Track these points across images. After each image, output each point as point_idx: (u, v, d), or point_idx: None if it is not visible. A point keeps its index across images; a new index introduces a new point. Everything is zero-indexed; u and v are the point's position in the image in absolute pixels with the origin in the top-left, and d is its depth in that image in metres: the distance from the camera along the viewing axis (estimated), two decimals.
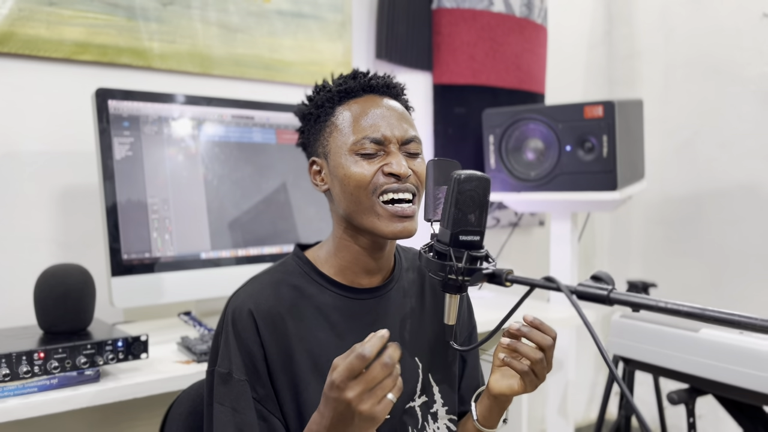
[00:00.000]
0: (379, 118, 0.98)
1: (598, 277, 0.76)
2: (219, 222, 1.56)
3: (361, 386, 0.78)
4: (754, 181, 2.41)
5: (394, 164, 0.96)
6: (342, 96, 1.01)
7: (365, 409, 0.78)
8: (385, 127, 0.98)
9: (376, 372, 0.78)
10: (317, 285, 1.01)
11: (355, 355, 0.79)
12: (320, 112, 1.02)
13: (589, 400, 2.96)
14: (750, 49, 2.40)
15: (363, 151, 0.96)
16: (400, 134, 0.98)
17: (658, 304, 0.67)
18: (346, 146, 0.97)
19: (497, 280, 0.86)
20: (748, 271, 2.44)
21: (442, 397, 1.08)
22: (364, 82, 1.01)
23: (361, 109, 0.99)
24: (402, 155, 0.98)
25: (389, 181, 0.96)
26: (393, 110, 1.00)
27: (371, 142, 0.96)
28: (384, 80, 1.03)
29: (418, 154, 1.01)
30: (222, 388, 0.95)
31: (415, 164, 1.00)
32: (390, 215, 0.96)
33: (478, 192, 0.87)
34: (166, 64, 1.74)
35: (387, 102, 1.01)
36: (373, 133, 0.97)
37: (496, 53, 2.32)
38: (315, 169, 1.03)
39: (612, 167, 1.89)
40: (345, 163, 0.97)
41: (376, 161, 0.97)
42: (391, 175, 0.96)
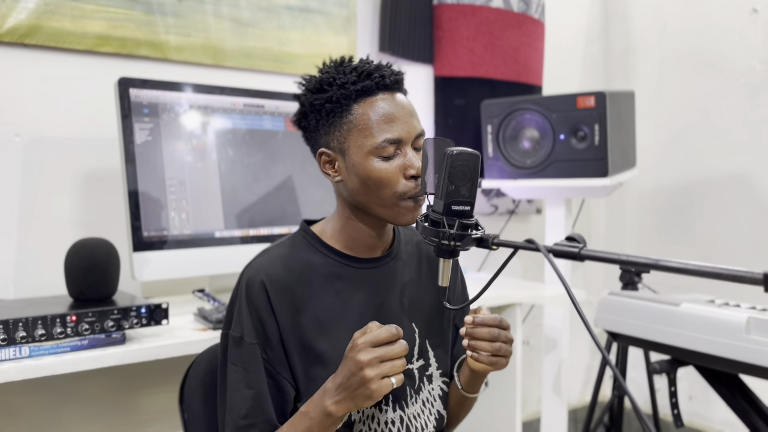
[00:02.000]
0: (396, 120, 1.05)
1: (571, 238, 0.86)
2: (231, 203, 1.67)
3: (377, 354, 0.92)
4: (743, 172, 2.51)
5: (414, 164, 1.04)
6: (358, 94, 1.05)
7: (370, 376, 0.91)
8: (402, 127, 1.05)
9: (395, 347, 0.94)
10: (324, 256, 1.11)
11: (386, 328, 0.94)
12: (335, 107, 1.06)
13: (585, 383, 3.06)
14: (740, 43, 2.50)
15: (385, 154, 1.04)
16: (413, 131, 1.07)
17: (620, 257, 0.77)
18: (366, 147, 1.04)
19: (485, 244, 0.96)
20: (737, 260, 2.54)
21: (437, 360, 1.18)
22: (379, 81, 1.06)
23: (379, 109, 1.05)
24: (413, 151, 1.07)
25: (414, 186, 1.05)
26: (406, 108, 1.07)
27: (391, 144, 1.04)
28: (394, 76, 1.08)
29: None
30: (235, 350, 1.06)
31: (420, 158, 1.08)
32: (409, 210, 1.06)
33: (468, 166, 0.97)
34: (182, 56, 1.85)
35: (399, 100, 1.07)
36: (393, 134, 1.04)
37: (494, 47, 2.42)
38: (326, 160, 1.10)
39: (603, 155, 1.99)
40: (367, 164, 1.04)
41: (395, 161, 1.05)
42: (412, 177, 1.05)
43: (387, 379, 0.92)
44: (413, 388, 1.15)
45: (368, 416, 1.09)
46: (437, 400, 1.17)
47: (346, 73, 1.07)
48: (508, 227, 2.63)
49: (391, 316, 1.12)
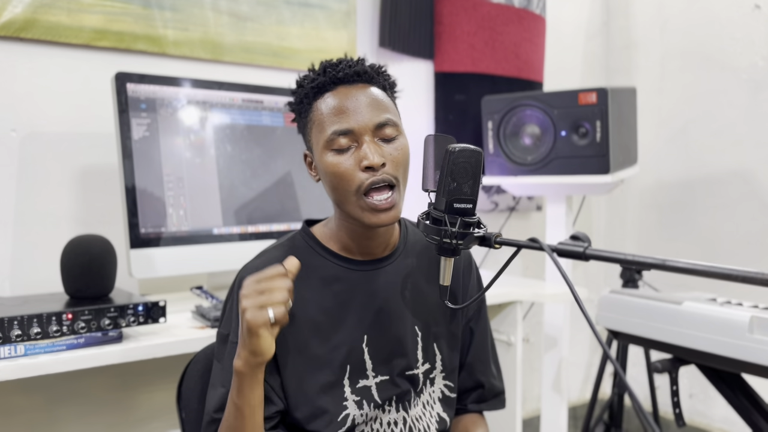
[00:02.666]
0: (346, 111, 1.00)
1: (576, 237, 0.84)
2: (230, 200, 1.65)
3: (254, 287, 0.90)
4: (744, 168, 2.50)
5: (368, 155, 0.98)
6: (315, 92, 1.03)
7: (244, 307, 0.89)
8: (352, 117, 1.00)
9: (274, 282, 0.90)
10: (322, 258, 1.10)
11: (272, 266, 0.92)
12: (301, 108, 1.07)
13: (585, 381, 3.05)
14: (742, 39, 2.48)
15: (336, 146, 1.00)
16: (369, 122, 1.00)
17: (627, 257, 0.76)
18: (321, 143, 1.02)
19: (487, 243, 0.95)
20: (738, 256, 2.52)
21: (443, 363, 1.16)
22: (333, 75, 1.02)
23: (330, 103, 1.01)
24: (376, 143, 1.00)
25: (368, 176, 0.99)
26: (362, 98, 1.01)
27: (340, 135, 0.99)
28: (353, 69, 1.03)
29: (395, 138, 1.03)
30: (221, 347, 1.05)
31: (391, 149, 1.02)
32: (371, 209, 1.00)
33: (470, 163, 0.96)
34: (180, 50, 1.83)
35: (357, 91, 1.02)
36: (342, 125, 0.99)
37: (495, 42, 2.40)
38: (308, 161, 1.09)
39: (605, 151, 1.97)
40: (324, 159, 1.01)
41: (351, 154, 1.00)
42: (368, 168, 0.99)
43: (264, 309, 0.88)
44: (416, 390, 1.13)
45: (371, 418, 1.08)
46: (437, 402, 1.16)
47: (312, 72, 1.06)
48: (508, 224, 2.62)
49: (392, 318, 1.10)
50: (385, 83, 1.08)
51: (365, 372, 1.08)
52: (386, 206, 1.01)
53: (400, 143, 1.04)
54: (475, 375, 1.23)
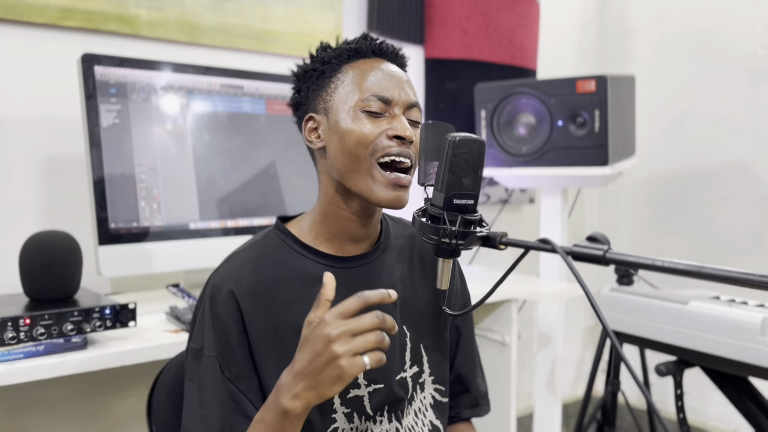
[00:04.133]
0: (387, 79, 0.96)
1: (593, 238, 0.75)
2: (208, 192, 1.54)
3: (346, 327, 0.78)
4: (743, 160, 2.42)
5: (398, 127, 0.94)
6: (351, 54, 0.99)
7: (340, 353, 0.77)
8: (393, 88, 0.96)
9: (366, 319, 0.79)
10: (301, 257, 0.99)
11: (354, 296, 0.80)
12: (325, 68, 1.00)
13: (576, 377, 2.98)
14: (741, 27, 2.40)
15: (368, 109, 0.94)
16: (406, 98, 0.97)
17: (655, 262, 0.67)
18: (352, 102, 0.95)
19: (491, 243, 0.85)
20: (734, 251, 2.46)
21: (431, 366, 1.07)
22: (375, 45, 1.00)
23: (370, 68, 0.97)
24: (404, 118, 0.97)
25: (391, 144, 0.94)
26: (400, 75, 0.99)
27: (378, 100, 0.95)
28: (394, 48, 1.03)
29: (419, 124, 0.99)
30: (193, 365, 0.93)
31: (416, 132, 0.98)
32: (386, 182, 0.93)
33: (472, 155, 0.86)
34: (154, 32, 1.70)
35: (394, 67, 1.00)
36: (382, 91, 0.95)
37: (488, 28, 2.30)
38: (311, 126, 1.00)
39: (603, 142, 1.89)
40: (348, 119, 0.95)
41: (381, 122, 0.95)
42: (396, 137, 0.94)
43: (359, 357, 0.77)
44: (406, 398, 1.04)
45: (362, 431, 0.98)
46: (429, 409, 1.07)
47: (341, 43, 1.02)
48: (500, 217, 2.53)
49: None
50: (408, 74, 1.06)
51: (356, 380, 0.99)
52: (405, 183, 0.94)
53: None
54: (463, 376, 1.15)
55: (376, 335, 0.79)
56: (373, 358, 0.78)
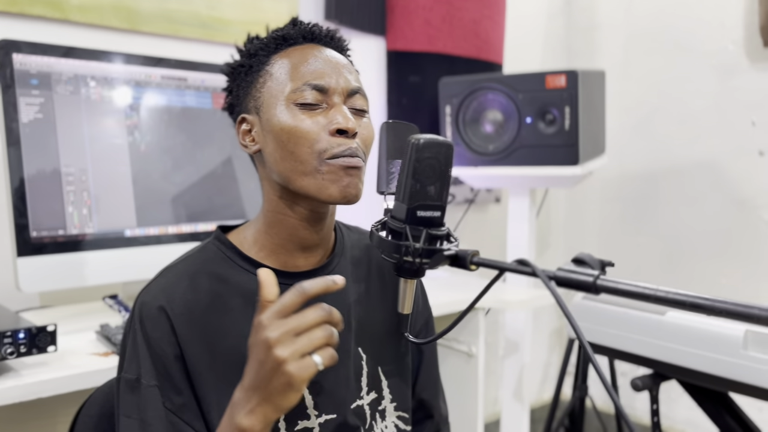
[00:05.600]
0: (322, 65, 0.85)
1: (581, 260, 0.64)
2: (146, 195, 1.39)
3: (287, 327, 0.68)
4: (711, 159, 2.37)
5: (339, 119, 0.82)
6: (279, 43, 0.87)
7: (284, 357, 0.66)
8: (330, 74, 0.85)
9: (309, 315, 0.68)
10: (243, 271, 0.87)
11: (292, 290, 0.69)
12: (253, 62, 0.88)
13: (543, 380, 2.91)
14: (711, 22, 2.34)
15: (303, 101, 0.83)
16: (346, 84, 0.86)
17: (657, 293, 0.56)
18: (283, 95, 0.83)
19: (461, 263, 0.74)
20: (702, 250, 2.41)
21: (391, 392, 0.96)
22: (305, 30, 0.89)
23: (301, 56, 0.86)
24: (344, 107, 0.85)
25: (336, 143, 0.82)
26: (336, 60, 0.88)
27: (313, 89, 0.83)
28: (327, 31, 0.91)
29: (365, 112, 0.88)
30: (129, 397, 0.80)
31: (360, 123, 0.86)
32: (335, 169, 0.82)
33: (439, 160, 0.74)
34: (86, 17, 1.54)
35: (330, 52, 0.88)
36: (316, 79, 0.83)
37: (453, 19, 2.19)
38: (244, 128, 0.88)
39: (574, 141, 1.80)
40: (281, 115, 0.83)
41: (318, 114, 0.83)
42: (338, 132, 0.82)
43: (309, 357, 0.68)
44: (364, 427, 0.92)
45: None
46: None
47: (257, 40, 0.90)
48: (466, 218, 2.43)
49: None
50: (351, 59, 0.93)
51: (305, 411, 0.87)
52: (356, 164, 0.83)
53: (368, 122, 0.89)
54: (426, 401, 1.04)
55: (323, 330, 0.68)
56: (324, 355, 0.68)
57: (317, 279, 0.71)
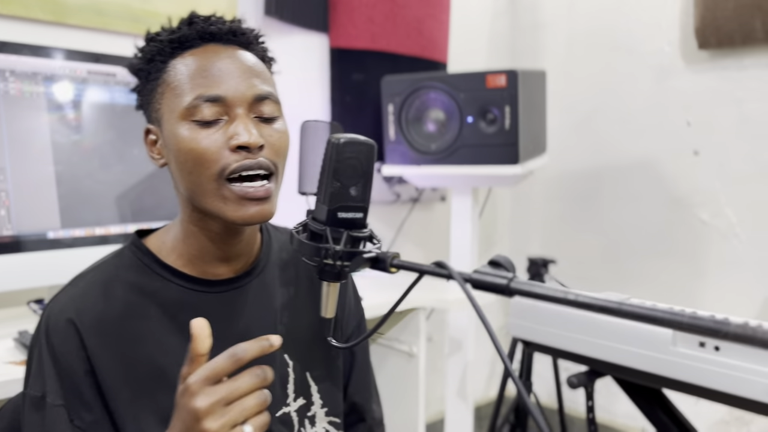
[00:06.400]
0: (218, 73, 0.78)
1: (496, 263, 0.63)
2: (72, 196, 1.34)
3: (218, 396, 0.63)
4: (650, 158, 2.42)
5: (241, 132, 0.76)
6: (175, 47, 0.81)
7: (213, 429, 0.63)
8: (227, 83, 0.78)
9: (242, 383, 0.64)
10: (161, 279, 0.83)
11: (226, 353, 0.65)
12: (151, 67, 0.82)
13: (489, 377, 2.93)
14: (649, 23, 2.39)
15: (199, 117, 0.77)
16: (247, 91, 0.79)
17: (567, 296, 0.56)
18: (178, 110, 0.78)
19: (381, 266, 0.72)
20: (642, 247, 2.46)
21: (322, 397, 0.94)
22: (202, 29, 0.81)
23: (197, 62, 0.79)
24: (252, 120, 0.79)
25: (238, 159, 0.77)
26: (239, 62, 0.80)
27: (207, 102, 0.77)
28: (228, 26, 0.83)
29: (275, 119, 0.83)
30: (34, 417, 0.76)
31: (271, 131, 0.81)
32: (237, 198, 0.77)
33: (360, 160, 0.73)
34: (8, 8, 1.47)
35: (232, 53, 0.81)
36: (211, 90, 0.77)
37: (396, 17, 2.18)
38: (150, 139, 0.84)
39: (514, 140, 1.80)
40: (178, 133, 0.77)
41: (218, 129, 0.77)
42: (240, 148, 0.76)
43: (239, 428, 0.65)
44: None
45: None
46: None
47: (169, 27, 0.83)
48: (411, 217, 2.42)
49: None
50: (264, 54, 0.87)
51: None
52: (261, 195, 0.78)
53: (281, 126, 0.84)
54: (358, 404, 1.03)
55: (256, 399, 0.65)
56: (255, 424, 0.65)
57: (252, 343, 0.67)
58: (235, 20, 0.86)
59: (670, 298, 2.33)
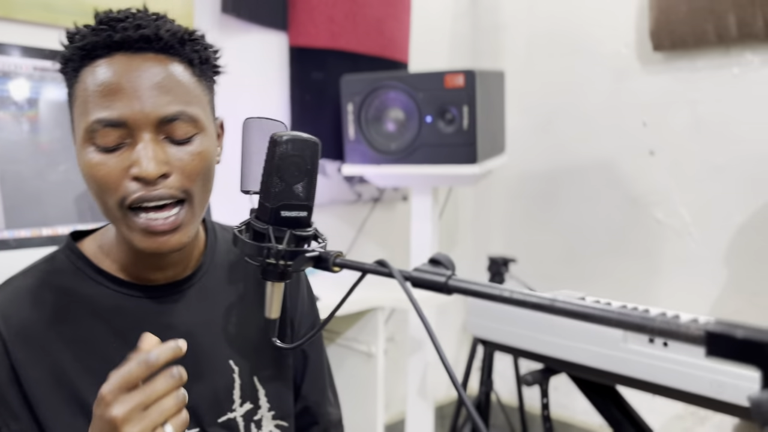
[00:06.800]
0: (117, 91, 0.71)
1: (436, 261, 0.63)
2: (17, 195, 1.30)
3: (134, 402, 0.62)
4: (606, 158, 2.46)
5: (140, 161, 0.71)
6: (83, 55, 0.73)
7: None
8: (129, 104, 0.71)
9: (157, 386, 0.63)
10: (95, 284, 0.81)
11: (135, 361, 0.63)
12: (65, 77, 0.77)
13: None
14: (607, 25, 2.43)
15: (99, 142, 0.71)
16: (152, 113, 0.72)
17: (502, 293, 0.56)
18: (81, 131, 0.73)
19: (324, 265, 0.72)
20: (600, 246, 2.50)
21: (269, 400, 0.92)
22: (108, 37, 0.72)
23: (100, 77, 0.72)
24: (160, 142, 0.73)
25: (136, 190, 0.72)
26: (145, 77, 0.72)
27: (107, 126, 0.71)
28: (140, 33, 0.73)
29: (192, 138, 0.76)
30: None
31: (182, 154, 0.75)
32: (141, 230, 0.73)
33: (303, 158, 0.72)
34: None
35: (140, 65, 0.72)
36: (110, 113, 0.70)
37: (356, 16, 2.17)
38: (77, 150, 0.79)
39: (472, 140, 1.81)
40: (82, 155, 0.73)
41: (121, 154, 0.72)
42: (139, 178, 0.72)
43: (159, 429, 0.64)
44: None
45: None
46: None
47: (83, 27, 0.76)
48: (372, 217, 2.42)
49: (199, 355, 0.84)
50: (194, 57, 0.78)
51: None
52: (166, 228, 0.74)
53: (198, 146, 0.76)
54: (311, 407, 1.02)
55: (174, 399, 0.64)
56: (176, 424, 0.64)
57: (163, 348, 0.65)
58: (160, 18, 0.77)
59: (627, 295, 2.37)
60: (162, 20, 0.77)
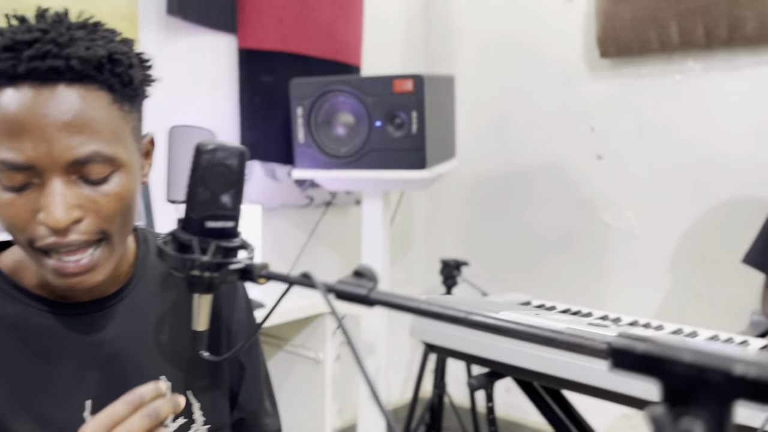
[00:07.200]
0: (23, 130, 0.65)
1: (360, 273, 0.63)
2: None
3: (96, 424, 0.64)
4: (556, 162, 2.50)
5: (47, 208, 0.66)
6: None
7: None
8: (36, 146, 0.65)
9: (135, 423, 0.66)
10: (13, 301, 0.77)
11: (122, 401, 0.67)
12: None
13: (406, 379, 2.95)
14: (556, 31, 2.46)
15: (5, 182, 0.67)
16: (62, 156, 0.66)
17: (420, 306, 0.56)
18: None
19: (249, 277, 0.70)
20: (550, 249, 2.53)
21: (204, 414, 0.90)
22: (12, 67, 0.64)
23: (3, 110, 0.65)
24: (71, 185, 0.68)
25: (44, 236, 0.68)
26: (56, 113, 0.65)
27: (12, 170, 0.65)
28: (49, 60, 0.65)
29: (109, 177, 0.70)
30: None
31: (98, 195, 0.70)
32: (52, 270, 0.70)
33: (230, 167, 0.71)
34: None
35: (48, 100, 0.65)
36: (14, 156, 0.65)
37: (307, 18, 2.15)
38: None
39: (421, 144, 1.82)
40: None
41: (29, 194, 0.67)
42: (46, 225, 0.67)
43: None
44: None
45: None
46: None
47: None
48: (324, 220, 2.40)
49: (128, 372, 0.82)
50: (114, 82, 0.70)
51: None
52: (79, 270, 0.70)
53: (116, 186, 0.71)
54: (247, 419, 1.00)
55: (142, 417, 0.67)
56: None
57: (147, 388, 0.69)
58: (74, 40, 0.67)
59: (576, 297, 2.41)
60: (77, 44, 0.67)
